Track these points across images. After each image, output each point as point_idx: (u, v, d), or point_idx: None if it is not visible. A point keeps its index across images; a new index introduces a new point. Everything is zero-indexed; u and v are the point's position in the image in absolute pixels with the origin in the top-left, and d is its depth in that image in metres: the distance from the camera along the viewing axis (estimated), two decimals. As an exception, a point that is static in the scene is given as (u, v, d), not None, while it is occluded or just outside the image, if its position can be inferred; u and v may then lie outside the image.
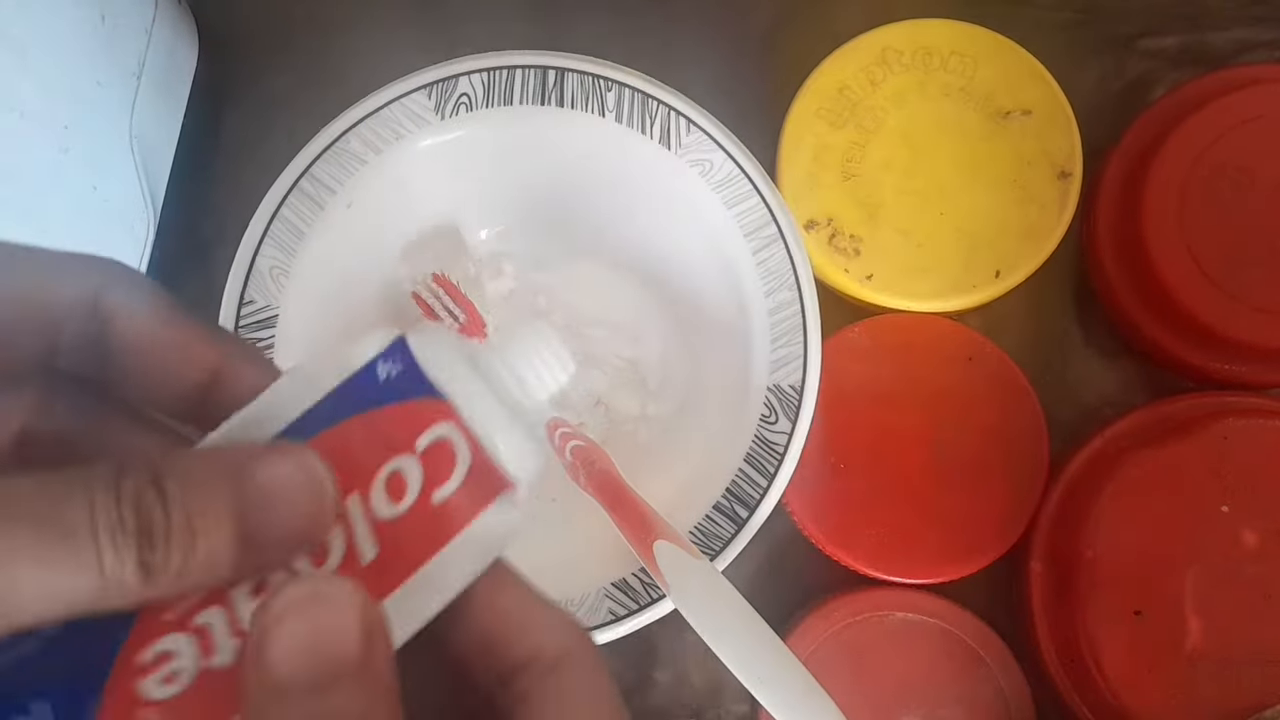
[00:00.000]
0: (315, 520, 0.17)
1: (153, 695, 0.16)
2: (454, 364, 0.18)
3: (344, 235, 0.40)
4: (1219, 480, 0.40)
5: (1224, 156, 0.43)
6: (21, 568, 0.14)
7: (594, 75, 0.40)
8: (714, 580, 0.34)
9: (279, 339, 0.39)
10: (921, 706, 0.42)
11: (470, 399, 0.18)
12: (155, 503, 0.15)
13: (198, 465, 0.16)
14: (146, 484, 0.15)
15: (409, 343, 0.18)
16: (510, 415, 0.18)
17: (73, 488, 0.15)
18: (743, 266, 0.39)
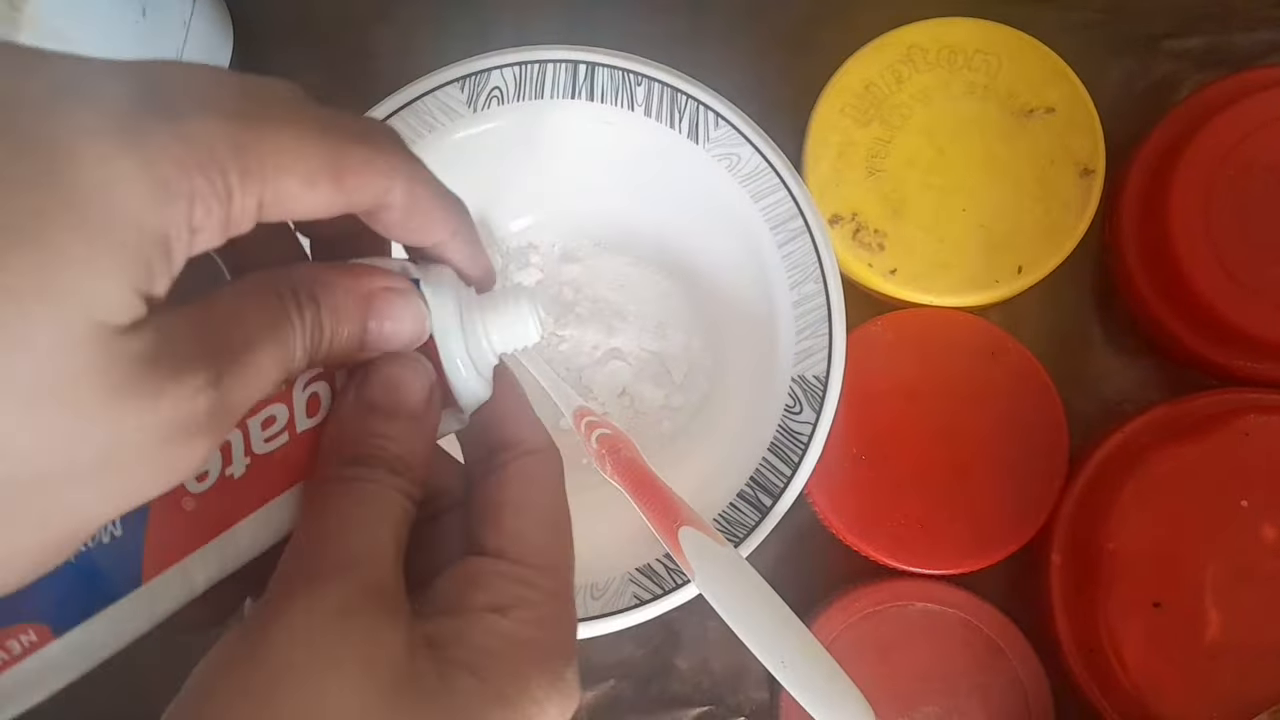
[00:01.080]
0: (412, 340, 0.23)
1: (191, 487, 0.21)
2: (444, 307, 0.23)
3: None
4: (1239, 476, 0.40)
5: (1250, 156, 0.43)
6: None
7: (624, 70, 0.40)
8: (739, 566, 0.35)
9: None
10: (940, 696, 0.42)
11: (445, 338, 0.23)
12: (314, 304, 0.20)
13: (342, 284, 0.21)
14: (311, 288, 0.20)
15: (421, 285, 0.23)
16: (468, 359, 0.23)
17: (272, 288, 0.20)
18: (769, 259, 0.40)
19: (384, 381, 0.23)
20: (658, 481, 0.37)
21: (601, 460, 0.39)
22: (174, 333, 0.17)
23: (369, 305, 0.22)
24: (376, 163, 0.20)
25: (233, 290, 0.19)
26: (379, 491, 0.22)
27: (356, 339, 0.22)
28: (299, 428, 0.22)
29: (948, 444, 0.43)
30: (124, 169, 0.16)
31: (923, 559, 0.43)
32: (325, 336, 0.21)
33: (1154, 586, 0.40)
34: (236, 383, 0.18)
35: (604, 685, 0.46)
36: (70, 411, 0.16)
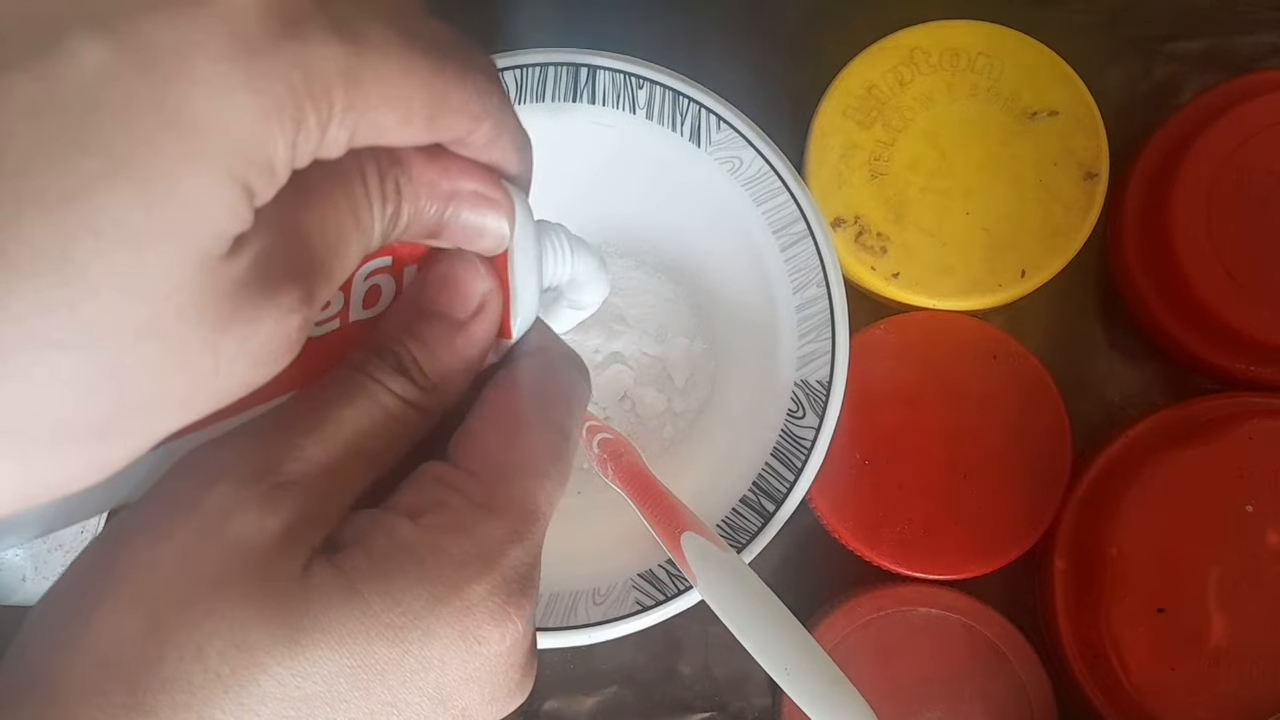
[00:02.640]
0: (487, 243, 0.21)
1: None
2: (527, 223, 0.22)
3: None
4: (1243, 481, 0.40)
5: (1252, 160, 0.43)
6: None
7: (625, 73, 0.40)
8: (741, 572, 0.34)
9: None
10: (943, 702, 0.42)
11: (523, 260, 0.22)
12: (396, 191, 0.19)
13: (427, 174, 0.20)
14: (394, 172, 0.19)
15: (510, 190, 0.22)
16: (537, 286, 0.22)
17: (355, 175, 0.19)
18: (771, 263, 0.40)
19: (435, 278, 0.21)
20: (660, 487, 0.37)
21: (604, 465, 0.39)
22: (268, 251, 0.17)
23: (452, 202, 0.20)
24: (473, 106, 0.19)
25: (317, 186, 0.18)
26: (366, 387, 0.20)
27: (431, 226, 0.20)
28: (351, 317, 0.21)
29: (950, 448, 0.43)
30: (239, 93, 0.15)
31: (925, 564, 0.42)
32: (401, 225, 0.20)
33: (1158, 592, 0.40)
34: (324, 291, 0.18)
35: (606, 691, 0.46)
36: (172, 348, 0.16)
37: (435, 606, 0.19)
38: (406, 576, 0.18)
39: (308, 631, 0.18)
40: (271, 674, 0.17)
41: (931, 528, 0.42)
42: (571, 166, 0.43)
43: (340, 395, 0.20)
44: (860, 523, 0.43)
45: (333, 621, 0.18)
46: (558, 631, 0.37)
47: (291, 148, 0.16)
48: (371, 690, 0.18)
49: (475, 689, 0.20)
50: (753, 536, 0.37)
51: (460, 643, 0.19)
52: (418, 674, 0.19)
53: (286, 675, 0.17)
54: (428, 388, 0.21)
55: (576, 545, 0.40)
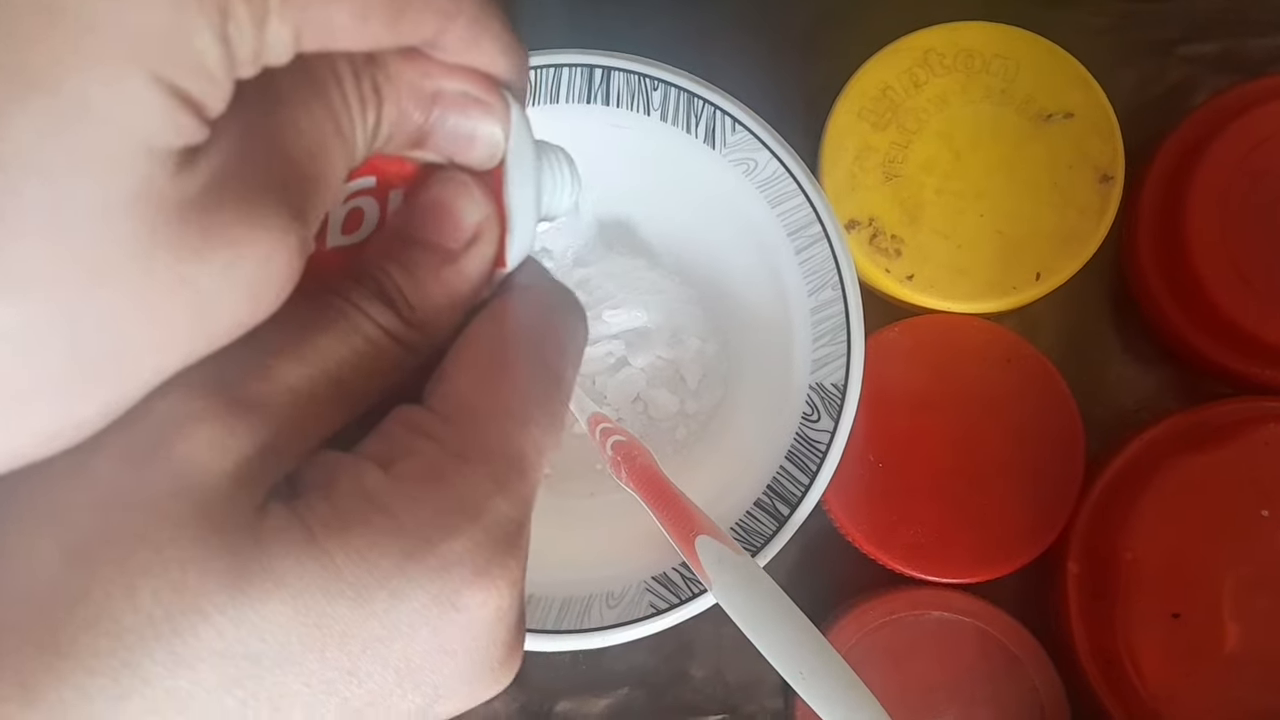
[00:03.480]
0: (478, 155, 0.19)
1: None
2: (524, 135, 0.20)
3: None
4: (1258, 485, 0.40)
5: (1266, 162, 0.43)
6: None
7: (640, 74, 0.40)
8: (757, 576, 0.34)
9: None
10: (956, 706, 0.42)
11: (520, 180, 0.20)
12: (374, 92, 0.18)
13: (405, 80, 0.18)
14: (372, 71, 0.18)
15: (513, 108, 0.20)
16: (537, 214, 0.20)
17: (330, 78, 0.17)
18: (786, 265, 0.40)
19: (425, 203, 0.19)
20: (674, 490, 0.37)
21: (617, 467, 0.38)
22: (237, 167, 0.15)
23: (436, 101, 0.18)
24: (442, 1, 0.18)
25: (288, 94, 0.16)
26: (346, 313, 0.18)
27: (415, 133, 0.19)
28: (329, 242, 0.19)
29: (964, 451, 0.43)
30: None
31: (939, 567, 0.42)
32: (384, 133, 0.18)
33: (1172, 596, 0.39)
34: (315, 207, 0.16)
35: (618, 693, 0.46)
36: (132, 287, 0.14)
37: (406, 564, 0.16)
38: (374, 529, 0.16)
39: (257, 580, 0.15)
40: (212, 623, 0.15)
41: (944, 531, 0.42)
42: (585, 168, 0.43)
43: (317, 318, 0.18)
44: (873, 526, 0.42)
45: (288, 572, 0.16)
46: (572, 634, 0.36)
47: (223, 43, 0.15)
48: (328, 655, 0.16)
49: (450, 663, 0.17)
50: (767, 540, 0.37)
51: (434, 607, 0.17)
52: (383, 641, 0.16)
53: (229, 626, 0.15)
54: (413, 321, 0.19)
55: (590, 548, 0.40)
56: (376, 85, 0.18)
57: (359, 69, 0.17)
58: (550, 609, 0.37)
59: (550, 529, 0.41)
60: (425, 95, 0.18)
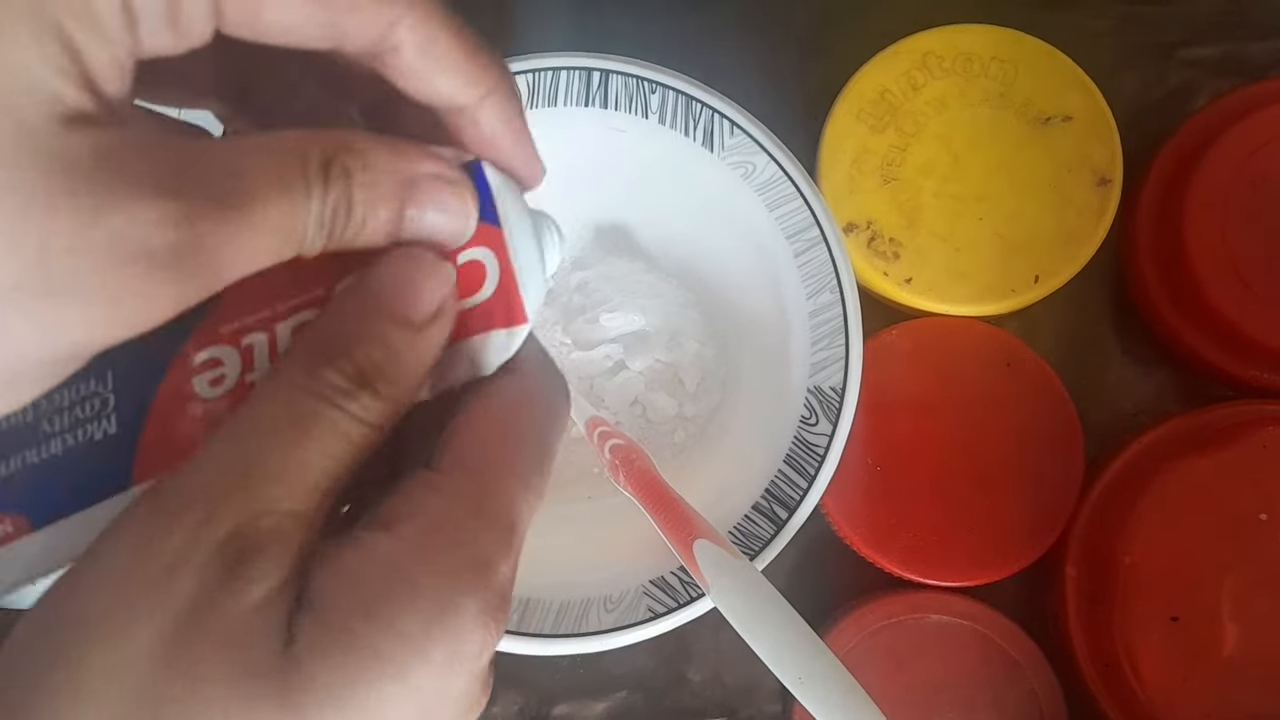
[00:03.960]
0: (451, 232, 0.19)
1: (202, 392, 0.19)
2: (516, 202, 0.20)
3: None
4: (1257, 488, 0.40)
5: (1266, 166, 0.43)
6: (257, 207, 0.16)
7: (638, 77, 0.40)
8: (755, 579, 0.34)
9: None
10: (955, 710, 0.42)
11: (521, 236, 0.20)
12: (344, 176, 0.18)
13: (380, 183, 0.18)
14: (343, 157, 0.18)
15: (486, 171, 0.20)
16: (543, 265, 0.21)
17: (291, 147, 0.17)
18: (784, 269, 0.40)
19: (389, 278, 0.19)
20: (672, 494, 0.37)
21: (615, 471, 0.38)
22: (138, 148, 0.15)
23: (410, 191, 0.19)
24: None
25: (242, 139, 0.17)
26: (327, 412, 0.17)
27: (389, 226, 0.18)
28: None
29: (963, 455, 0.43)
30: None
31: (938, 571, 0.42)
32: (354, 218, 0.18)
33: (1171, 600, 0.39)
34: (216, 231, 0.16)
35: (616, 696, 0.46)
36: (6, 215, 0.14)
37: (430, 628, 0.17)
38: (398, 600, 0.17)
39: (309, 694, 0.16)
40: None
41: (943, 534, 0.42)
42: (583, 171, 0.43)
43: (301, 424, 0.17)
44: (872, 529, 0.42)
45: (333, 674, 0.16)
46: (569, 639, 0.36)
47: (124, 8, 0.15)
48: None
49: (450, 707, 0.18)
50: (765, 544, 0.37)
51: (449, 664, 0.17)
52: (408, 700, 0.17)
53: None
54: (389, 398, 0.18)
55: (588, 552, 0.40)
56: (345, 164, 0.18)
57: (330, 145, 0.17)
58: (548, 612, 0.37)
59: (548, 533, 0.41)
60: (402, 177, 0.18)
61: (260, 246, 0.17)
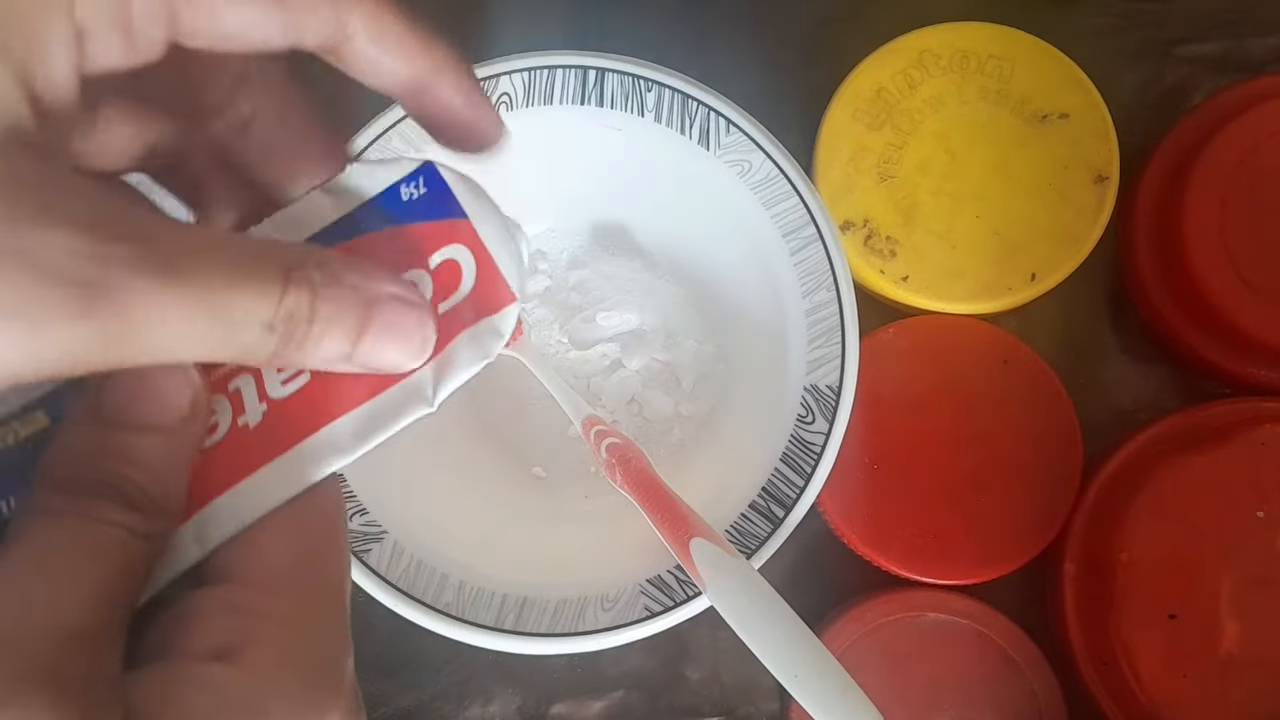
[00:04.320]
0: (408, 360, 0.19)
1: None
2: (477, 192, 0.21)
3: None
4: (1255, 486, 0.40)
5: (1265, 162, 0.43)
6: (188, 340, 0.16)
7: (634, 75, 0.40)
8: (751, 578, 0.34)
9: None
10: (953, 708, 0.42)
11: (488, 223, 0.21)
12: (307, 285, 0.17)
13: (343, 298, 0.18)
14: (305, 301, 0.17)
15: (439, 169, 0.21)
16: (515, 243, 0.21)
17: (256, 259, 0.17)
18: (780, 267, 0.40)
19: (132, 386, 0.18)
20: (669, 492, 0.37)
21: (611, 470, 0.38)
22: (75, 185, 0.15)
23: (370, 313, 0.18)
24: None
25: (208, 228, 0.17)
26: (95, 532, 0.16)
27: (344, 348, 0.18)
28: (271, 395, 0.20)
29: (960, 453, 0.43)
30: None
31: (935, 569, 0.42)
32: (311, 335, 0.17)
33: (1169, 597, 0.39)
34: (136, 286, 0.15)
35: (613, 696, 0.46)
36: None
37: None
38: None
39: None
40: None
41: (941, 533, 0.42)
42: (580, 170, 0.43)
43: (81, 554, 0.16)
44: (869, 528, 0.42)
45: None
46: (566, 638, 0.36)
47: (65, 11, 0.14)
48: None
49: None
50: (762, 542, 0.37)
51: None
52: None
53: None
54: (163, 511, 0.18)
55: (585, 551, 0.40)
56: (310, 280, 0.17)
57: (296, 259, 0.17)
58: (545, 612, 0.37)
59: (545, 532, 0.42)
60: (365, 298, 0.18)
61: (192, 328, 0.16)
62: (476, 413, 0.45)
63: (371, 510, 0.38)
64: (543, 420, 0.44)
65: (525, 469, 0.44)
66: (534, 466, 0.44)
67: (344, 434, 0.20)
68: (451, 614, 0.37)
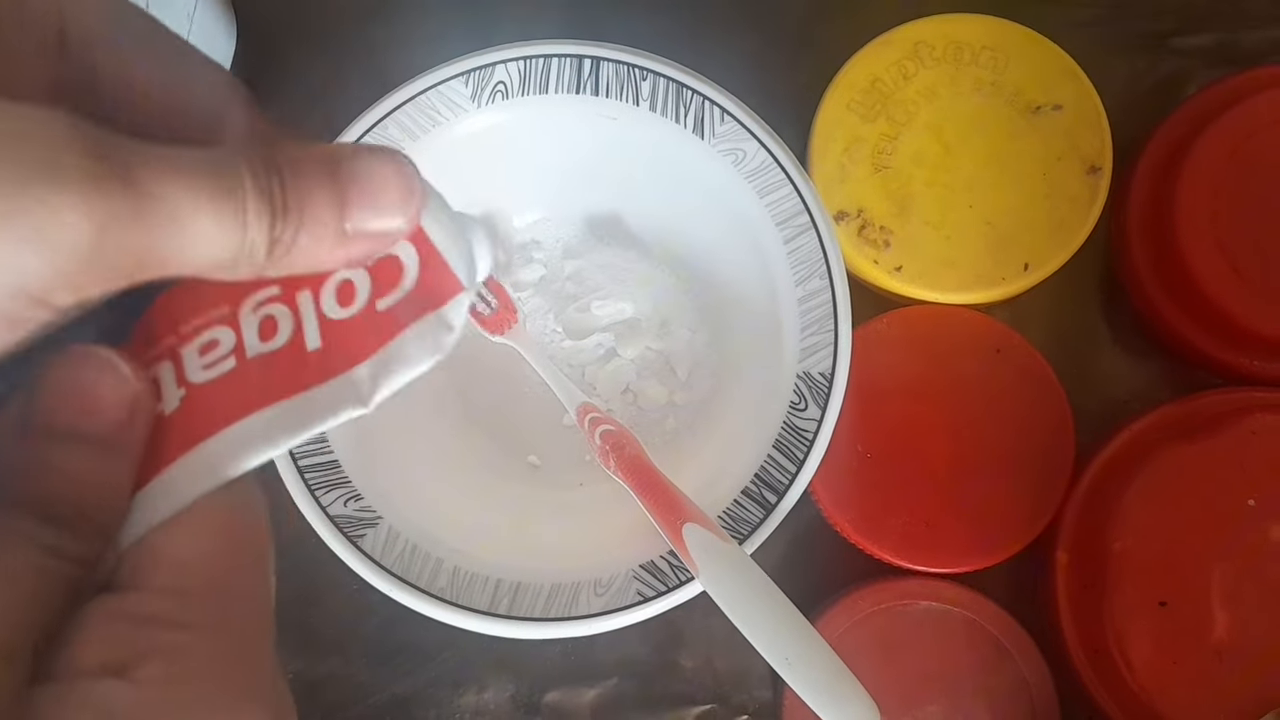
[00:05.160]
0: (404, 210, 0.18)
1: None
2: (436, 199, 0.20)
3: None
4: (1246, 475, 0.40)
5: (1257, 154, 0.43)
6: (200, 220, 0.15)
7: (629, 64, 0.40)
8: (743, 563, 0.34)
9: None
10: (945, 696, 0.42)
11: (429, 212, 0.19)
12: (277, 186, 0.16)
13: (301, 161, 0.17)
14: (273, 178, 0.16)
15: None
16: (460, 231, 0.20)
17: (227, 160, 0.16)
18: (774, 255, 0.40)
19: (62, 389, 0.16)
20: (662, 478, 0.37)
21: (605, 456, 0.39)
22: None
23: (342, 172, 0.17)
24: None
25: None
26: (11, 552, 0.15)
27: (333, 225, 0.17)
28: (249, 352, 0.19)
29: (953, 442, 0.43)
30: None
31: (928, 557, 0.42)
32: (290, 224, 0.16)
33: (1160, 586, 0.39)
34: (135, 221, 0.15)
35: (607, 683, 0.46)
36: None
37: None
38: None
39: None
40: None
41: (933, 521, 0.42)
42: (575, 159, 0.43)
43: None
44: (862, 516, 0.43)
45: None
46: (559, 622, 0.37)
47: None
48: None
49: None
50: (754, 528, 0.37)
51: None
52: None
53: None
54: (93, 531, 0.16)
55: (578, 537, 0.40)
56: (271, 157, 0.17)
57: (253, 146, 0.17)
58: (539, 596, 0.37)
59: (539, 519, 0.42)
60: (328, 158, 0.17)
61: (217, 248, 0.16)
62: (472, 401, 0.45)
63: (366, 496, 0.38)
64: (538, 409, 0.45)
65: (520, 457, 0.44)
66: (529, 455, 0.45)
67: (264, 428, 0.18)
68: (446, 599, 0.37)
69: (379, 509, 0.38)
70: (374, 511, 0.38)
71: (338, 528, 0.37)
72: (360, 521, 0.37)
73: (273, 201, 0.16)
